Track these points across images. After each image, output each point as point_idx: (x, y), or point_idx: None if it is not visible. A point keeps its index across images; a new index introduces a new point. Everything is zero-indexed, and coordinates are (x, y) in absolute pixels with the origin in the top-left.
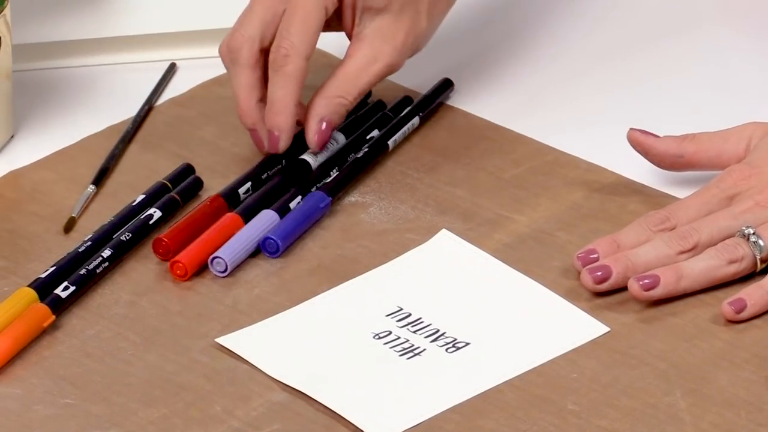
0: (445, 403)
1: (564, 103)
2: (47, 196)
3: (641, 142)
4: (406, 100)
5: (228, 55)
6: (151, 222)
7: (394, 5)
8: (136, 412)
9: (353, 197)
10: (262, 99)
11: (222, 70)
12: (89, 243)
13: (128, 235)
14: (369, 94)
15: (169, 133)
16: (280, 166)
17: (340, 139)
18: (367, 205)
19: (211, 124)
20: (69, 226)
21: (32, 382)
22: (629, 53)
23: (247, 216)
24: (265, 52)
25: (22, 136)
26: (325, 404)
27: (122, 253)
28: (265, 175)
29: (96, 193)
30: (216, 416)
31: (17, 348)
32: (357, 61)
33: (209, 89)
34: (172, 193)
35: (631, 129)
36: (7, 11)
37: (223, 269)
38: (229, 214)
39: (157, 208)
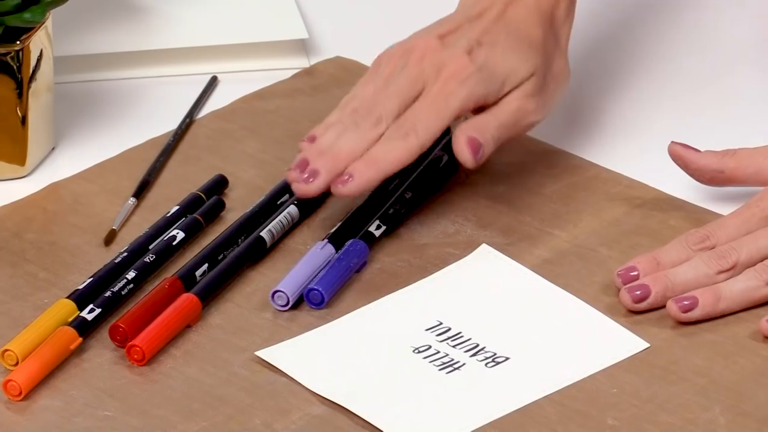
0: (485, 417)
1: (605, 119)
2: (88, 208)
3: (682, 156)
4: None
5: (355, 118)
6: (174, 243)
7: (530, 80)
8: (176, 425)
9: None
10: None
11: (263, 84)
12: (126, 254)
13: (152, 257)
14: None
15: (210, 147)
16: (234, 246)
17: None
18: (406, 220)
19: (252, 137)
20: (109, 238)
21: (72, 395)
22: (671, 67)
23: (204, 296)
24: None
25: (64, 148)
26: (364, 418)
27: (147, 275)
28: (221, 256)
29: (137, 206)
30: (255, 429)
31: (44, 373)
32: (504, 112)
33: (250, 103)
34: (196, 215)
35: (672, 143)
36: (48, 23)
37: (284, 303)
38: (185, 295)
39: (180, 229)
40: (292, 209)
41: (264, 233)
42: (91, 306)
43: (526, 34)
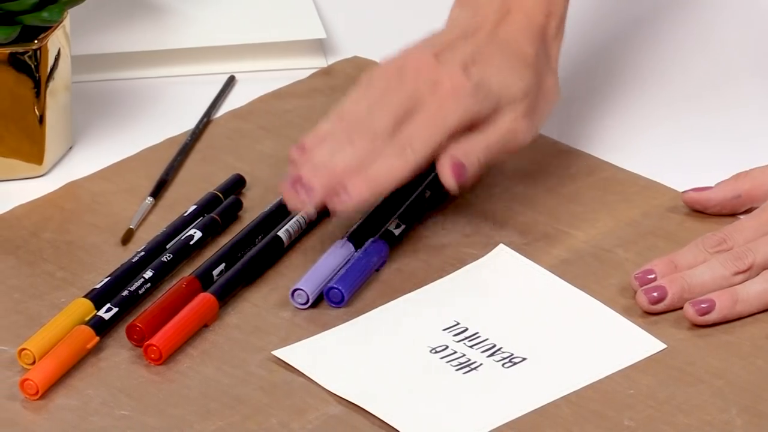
0: (501, 418)
1: (623, 119)
2: (105, 207)
3: (697, 200)
4: None
5: (348, 132)
6: (191, 243)
7: (529, 94)
8: (192, 424)
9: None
10: None
11: (281, 84)
12: (143, 254)
13: (170, 257)
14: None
15: (228, 146)
16: (252, 246)
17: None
18: (425, 219)
19: (269, 137)
20: (127, 237)
21: (88, 394)
22: (687, 68)
23: (222, 295)
24: None
25: (81, 147)
26: (380, 418)
27: (164, 274)
28: (239, 254)
29: (154, 205)
30: (272, 429)
31: (61, 372)
32: (490, 135)
33: (268, 102)
34: (213, 214)
35: (683, 193)
36: (66, 22)
37: (304, 301)
38: (202, 295)
39: (198, 229)
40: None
41: (281, 233)
42: (108, 305)
43: (519, 53)
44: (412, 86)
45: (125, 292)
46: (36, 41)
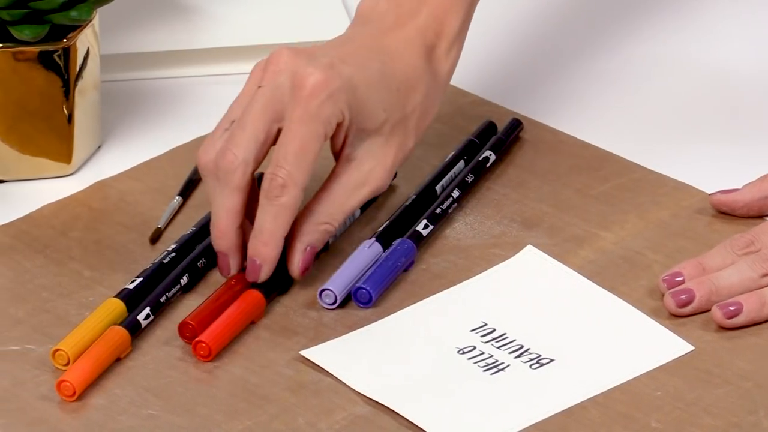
0: (529, 419)
1: (653, 121)
2: (134, 206)
3: (725, 202)
4: (491, 127)
5: (216, 173)
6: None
7: (387, 127)
8: (220, 424)
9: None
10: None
11: None
12: (173, 254)
13: (203, 262)
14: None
15: None
16: None
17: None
18: (452, 220)
19: None
20: (155, 236)
21: (116, 393)
22: (718, 69)
23: (268, 292)
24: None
25: (110, 146)
26: (408, 418)
27: (199, 278)
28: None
29: (182, 204)
30: (299, 429)
31: (97, 373)
32: (345, 184)
33: None
34: None
35: (710, 195)
36: (95, 22)
37: (332, 301)
38: (249, 291)
39: None
40: None
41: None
42: (147, 311)
43: (398, 71)
44: (271, 89)
45: (162, 298)
46: (65, 40)
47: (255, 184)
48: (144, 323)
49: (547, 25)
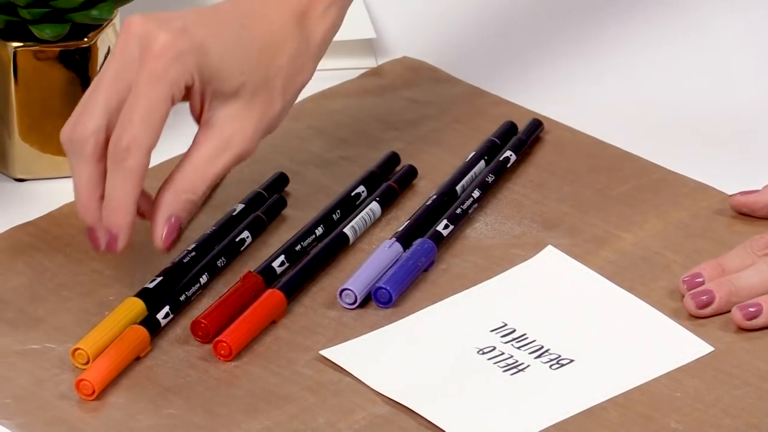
0: (548, 419)
1: (672, 122)
2: None
3: (745, 203)
4: (512, 127)
5: (70, 146)
6: (242, 248)
7: (246, 90)
8: (240, 423)
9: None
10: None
11: (331, 83)
12: (193, 253)
13: (223, 261)
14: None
15: (277, 146)
16: (314, 237)
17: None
18: (473, 220)
19: (319, 137)
20: None
21: (136, 392)
22: (738, 71)
23: (289, 292)
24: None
25: None
26: (427, 418)
27: (219, 278)
28: (298, 247)
29: (203, 205)
30: (319, 428)
31: (117, 372)
32: (206, 151)
33: (318, 102)
34: (258, 212)
35: (730, 197)
36: (116, 21)
37: (352, 301)
38: (270, 291)
39: (245, 228)
40: (375, 206)
41: (347, 230)
42: (166, 310)
43: (260, 33)
44: (121, 55)
45: (182, 297)
46: (86, 39)
47: None
48: (163, 322)
49: (568, 26)
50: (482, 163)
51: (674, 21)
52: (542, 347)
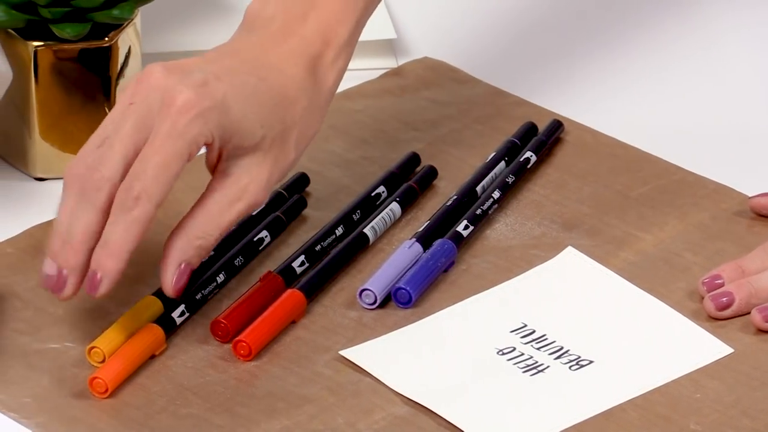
0: (568, 420)
1: (692, 123)
2: (173, 204)
3: (765, 205)
4: (532, 128)
5: (82, 189)
6: (261, 247)
7: (265, 143)
8: (259, 423)
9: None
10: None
11: (351, 84)
12: (212, 252)
13: (241, 260)
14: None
15: None
16: (334, 237)
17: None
18: (493, 221)
19: (339, 137)
20: None
21: (155, 392)
22: (759, 72)
23: (309, 292)
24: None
25: None
26: (447, 419)
27: (237, 277)
28: (318, 247)
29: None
30: (338, 429)
31: (130, 370)
32: (221, 200)
33: (339, 102)
34: (278, 213)
35: (749, 198)
36: (137, 20)
37: (372, 301)
38: (290, 291)
39: (264, 228)
40: (395, 206)
41: (367, 230)
42: (182, 309)
43: (276, 85)
44: (142, 106)
45: (198, 296)
46: (106, 38)
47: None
48: (179, 321)
49: (588, 27)
50: (502, 163)
51: (694, 23)
52: (562, 348)
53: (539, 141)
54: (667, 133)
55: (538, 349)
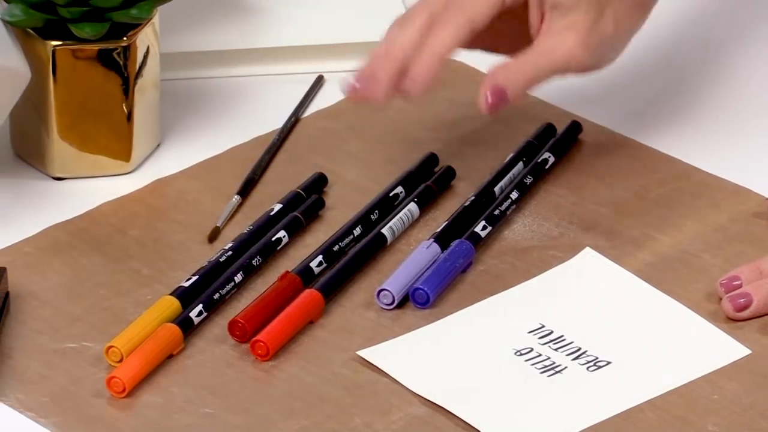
0: (585, 421)
1: (712, 125)
2: (192, 205)
3: None
4: (550, 129)
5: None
6: (278, 248)
7: (582, 4)
8: (276, 423)
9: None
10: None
11: None
12: (230, 253)
13: (259, 260)
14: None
15: (315, 146)
16: (352, 237)
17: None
18: (511, 221)
19: (357, 137)
20: (213, 235)
21: (173, 391)
22: None
23: (327, 292)
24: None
25: (169, 144)
26: (464, 420)
27: (255, 277)
28: (336, 247)
29: (241, 204)
30: (355, 429)
31: (148, 370)
32: (540, 47)
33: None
34: (296, 213)
35: (767, 200)
36: (155, 20)
37: (390, 302)
38: (308, 291)
39: (282, 228)
40: (413, 207)
41: (385, 230)
42: (200, 308)
43: None
44: None
45: (216, 295)
46: (125, 38)
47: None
48: (197, 320)
49: None
50: (521, 164)
51: (711, 22)
52: (579, 349)
53: (557, 142)
54: (685, 134)
55: (555, 349)
